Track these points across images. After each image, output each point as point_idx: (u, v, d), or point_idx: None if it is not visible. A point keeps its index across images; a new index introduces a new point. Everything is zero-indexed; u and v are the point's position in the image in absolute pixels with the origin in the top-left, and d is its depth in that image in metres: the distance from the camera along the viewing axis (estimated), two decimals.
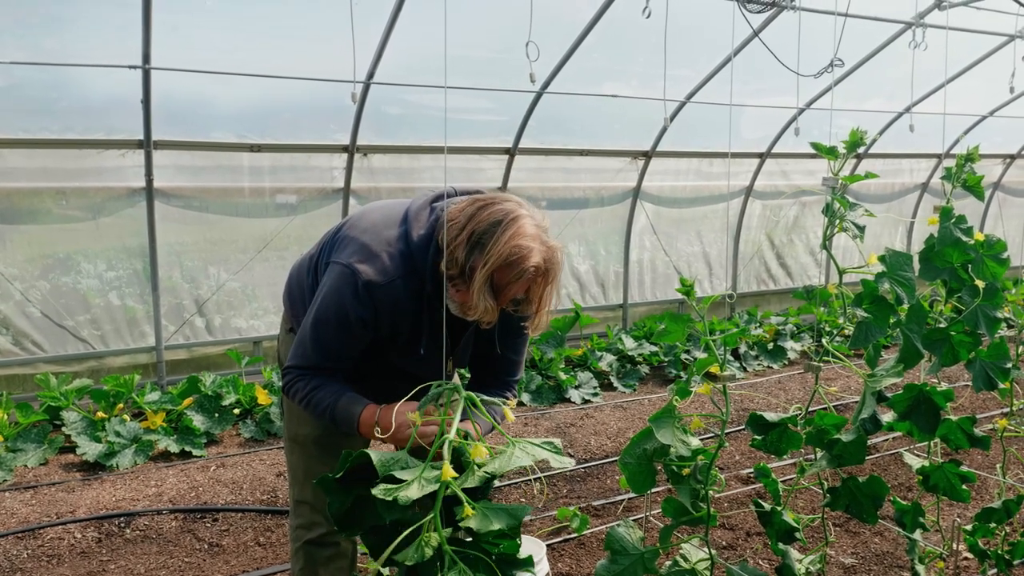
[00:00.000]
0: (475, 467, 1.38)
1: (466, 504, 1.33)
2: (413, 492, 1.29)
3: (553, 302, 1.94)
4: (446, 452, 1.36)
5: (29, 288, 5.02)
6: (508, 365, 2.17)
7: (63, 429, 4.57)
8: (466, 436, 1.48)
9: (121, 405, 4.82)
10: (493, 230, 1.77)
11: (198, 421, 4.74)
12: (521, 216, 1.81)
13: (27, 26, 4.60)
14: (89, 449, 4.38)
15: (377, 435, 1.89)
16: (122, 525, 3.68)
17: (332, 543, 2.18)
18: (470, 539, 1.41)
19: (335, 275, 1.94)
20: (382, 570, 2.91)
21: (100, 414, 4.66)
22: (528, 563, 1.42)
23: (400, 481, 1.33)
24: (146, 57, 4.62)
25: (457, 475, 1.34)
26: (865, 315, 1.86)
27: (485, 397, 1.55)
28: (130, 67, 4.65)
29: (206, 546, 3.53)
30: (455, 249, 1.79)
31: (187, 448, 4.54)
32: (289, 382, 2.00)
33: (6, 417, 4.55)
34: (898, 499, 2.37)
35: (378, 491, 1.31)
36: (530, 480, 4.18)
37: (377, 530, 1.43)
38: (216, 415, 4.88)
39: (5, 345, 4.98)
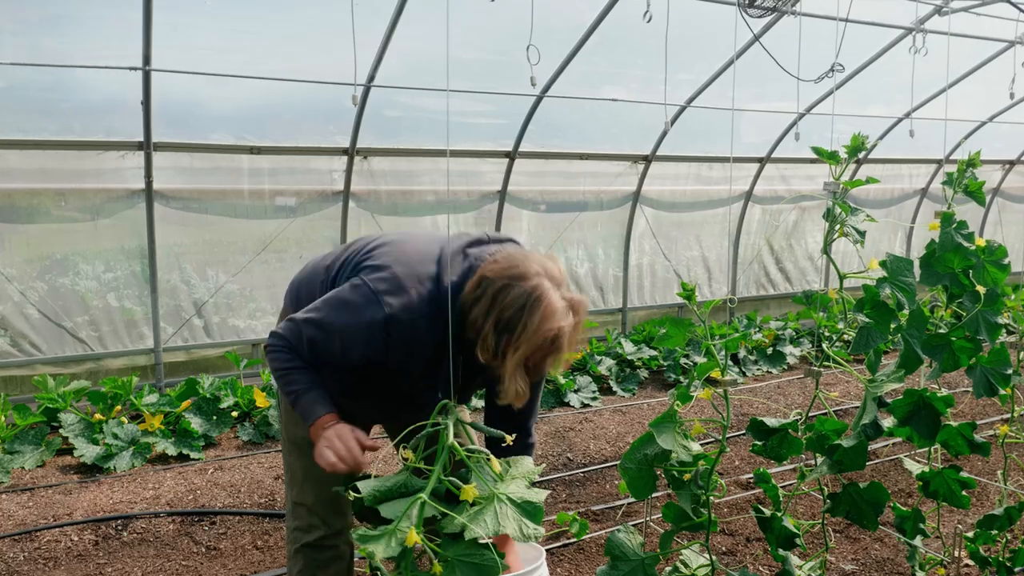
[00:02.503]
0: (453, 516, 1.38)
1: (435, 563, 1.34)
2: (379, 550, 1.31)
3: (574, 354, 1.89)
4: (415, 514, 1.36)
5: (27, 289, 5.01)
6: (525, 409, 2.09)
7: (61, 431, 4.56)
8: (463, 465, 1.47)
9: (119, 407, 4.80)
10: (520, 315, 1.73)
11: (196, 424, 4.73)
12: (544, 292, 1.75)
13: (27, 26, 4.60)
14: (87, 451, 4.37)
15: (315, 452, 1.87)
16: (119, 528, 3.66)
17: (330, 546, 2.17)
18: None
19: (359, 295, 1.87)
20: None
21: (98, 416, 4.65)
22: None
23: (383, 520, 1.36)
24: (146, 59, 4.61)
25: (421, 539, 1.34)
26: (866, 320, 1.85)
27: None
28: (130, 68, 4.65)
29: (203, 549, 3.51)
30: (486, 336, 1.76)
31: (185, 451, 4.53)
32: (275, 347, 1.94)
33: (4, 419, 4.53)
34: (898, 505, 2.36)
35: (356, 535, 1.35)
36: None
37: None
38: (214, 418, 4.87)
39: (3, 346, 4.97)
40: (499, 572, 1.34)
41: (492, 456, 1.49)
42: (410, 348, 1.87)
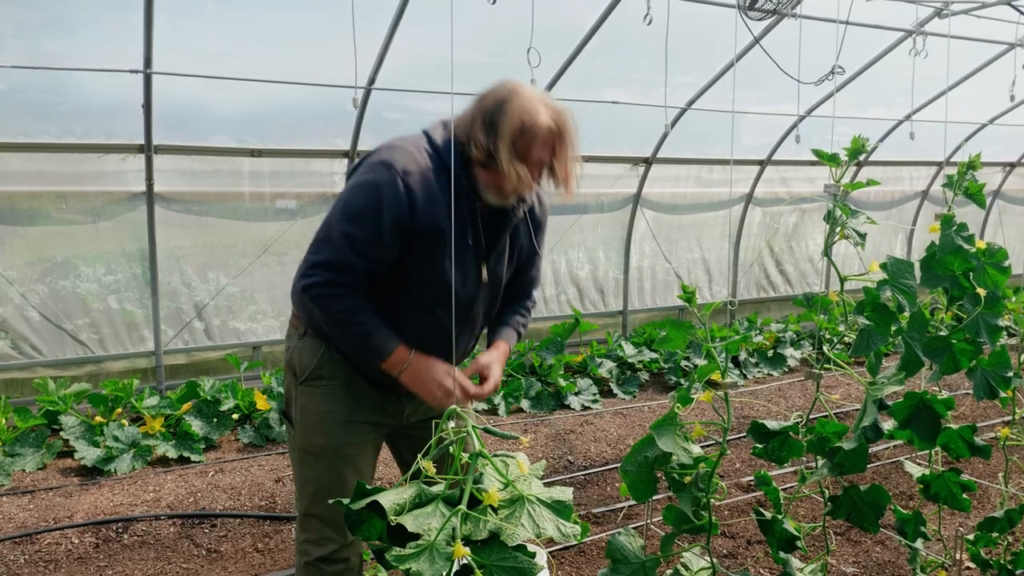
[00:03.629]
0: (485, 520, 1.36)
1: (477, 572, 1.31)
2: (426, 569, 1.27)
3: (577, 169, 2.04)
4: (459, 528, 1.33)
5: (28, 291, 5.01)
6: (530, 279, 2.33)
7: (61, 434, 4.56)
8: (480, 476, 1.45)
9: (120, 410, 4.80)
10: (500, 106, 1.92)
11: (197, 426, 4.73)
12: (521, 87, 1.96)
13: (27, 29, 4.61)
14: (87, 454, 4.37)
15: (401, 378, 1.99)
16: (120, 531, 3.66)
17: (342, 559, 2.11)
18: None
19: (368, 169, 1.94)
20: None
21: (98, 419, 4.65)
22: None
23: (410, 535, 1.32)
24: (147, 61, 4.62)
25: (468, 553, 1.30)
26: (867, 322, 1.85)
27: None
28: (131, 71, 4.66)
29: (204, 552, 3.51)
30: (476, 136, 1.93)
31: (185, 453, 4.53)
32: (320, 284, 1.90)
33: (4, 421, 4.53)
34: (899, 508, 2.36)
35: (391, 556, 1.30)
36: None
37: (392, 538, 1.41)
38: (215, 420, 4.87)
39: (4, 349, 4.97)
40: (535, 572, 1.33)
41: (518, 459, 1.48)
42: (431, 208, 1.92)
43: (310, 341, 2.09)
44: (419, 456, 1.47)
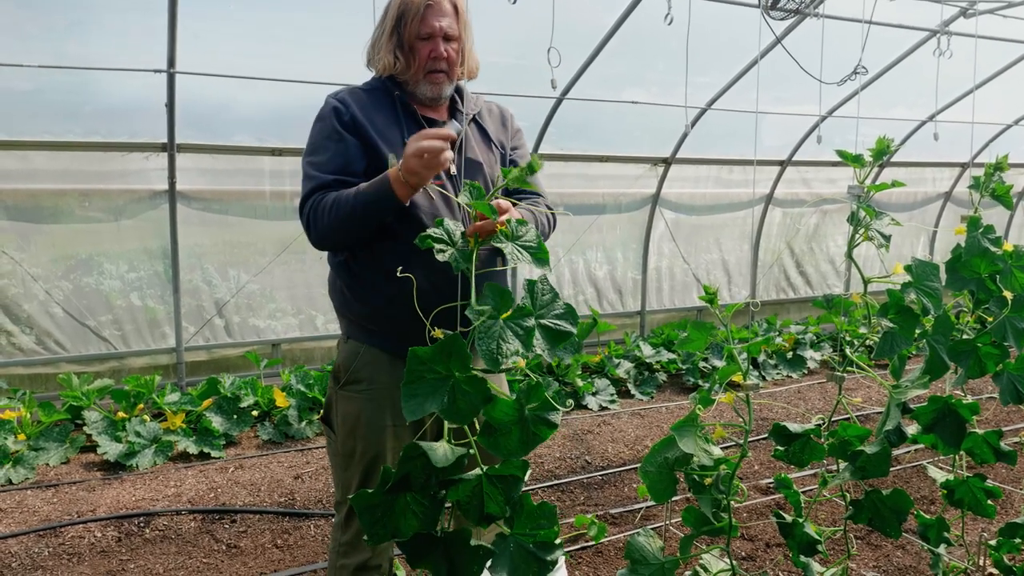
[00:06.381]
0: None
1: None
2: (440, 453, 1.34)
3: (469, 40, 2.24)
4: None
5: (52, 288, 5.08)
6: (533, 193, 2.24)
7: (84, 428, 4.62)
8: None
9: (141, 405, 4.86)
10: (385, 12, 2.13)
11: (217, 422, 4.77)
12: None
13: (53, 31, 4.67)
14: (110, 449, 4.42)
15: (407, 180, 1.86)
16: (141, 525, 3.71)
17: (375, 566, 2.09)
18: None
19: (317, 116, 2.14)
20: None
21: (121, 414, 4.71)
22: (560, 546, 1.44)
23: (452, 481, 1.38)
24: (171, 61, 4.67)
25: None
26: (891, 325, 1.84)
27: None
28: (155, 71, 4.71)
29: (224, 547, 3.55)
30: (381, 46, 2.12)
31: (206, 449, 4.57)
32: (308, 209, 2.02)
33: (29, 416, 4.60)
34: (922, 513, 2.33)
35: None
36: (548, 486, 4.17)
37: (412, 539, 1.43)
38: (235, 417, 4.92)
39: (29, 344, 5.04)
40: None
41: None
42: (369, 116, 2.06)
43: (350, 344, 2.10)
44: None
